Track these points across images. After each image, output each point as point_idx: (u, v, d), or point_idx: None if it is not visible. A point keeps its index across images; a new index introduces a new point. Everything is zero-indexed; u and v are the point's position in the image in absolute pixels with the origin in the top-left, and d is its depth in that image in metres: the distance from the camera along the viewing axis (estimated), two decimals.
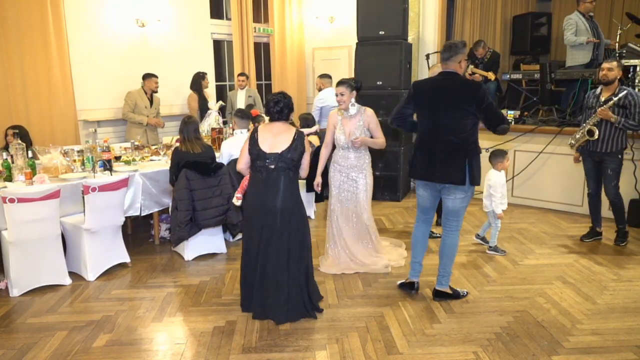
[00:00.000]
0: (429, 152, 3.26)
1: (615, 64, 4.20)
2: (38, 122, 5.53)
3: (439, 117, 3.21)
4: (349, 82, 3.93)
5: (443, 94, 3.20)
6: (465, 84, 3.21)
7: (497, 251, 4.35)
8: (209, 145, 4.41)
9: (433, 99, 3.24)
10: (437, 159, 3.21)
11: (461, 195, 3.24)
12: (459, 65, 3.21)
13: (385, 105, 6.15)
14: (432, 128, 3.25)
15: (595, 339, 2.94)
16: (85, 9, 5.93)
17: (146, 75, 6.09)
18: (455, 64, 3.20)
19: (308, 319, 3.21)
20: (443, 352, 2.83)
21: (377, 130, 4.00)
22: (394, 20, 5.94)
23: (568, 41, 5.97)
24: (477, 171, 3.21)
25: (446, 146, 3.19)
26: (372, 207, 5.87)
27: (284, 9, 8.03)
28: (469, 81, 3.31)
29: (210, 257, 4.36)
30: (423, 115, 3.34)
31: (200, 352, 2.86)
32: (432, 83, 3.33)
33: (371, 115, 4.00)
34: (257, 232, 3.16)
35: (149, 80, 6.06)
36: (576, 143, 4.45)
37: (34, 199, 3.49)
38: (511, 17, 8.82)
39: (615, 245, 4.50)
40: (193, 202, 4.05)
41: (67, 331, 3.10)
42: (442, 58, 3.23)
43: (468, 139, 3.17)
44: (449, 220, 3.36)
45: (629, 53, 5.47)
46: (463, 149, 3.17)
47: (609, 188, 4.40)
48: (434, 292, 3.49)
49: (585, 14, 5.86)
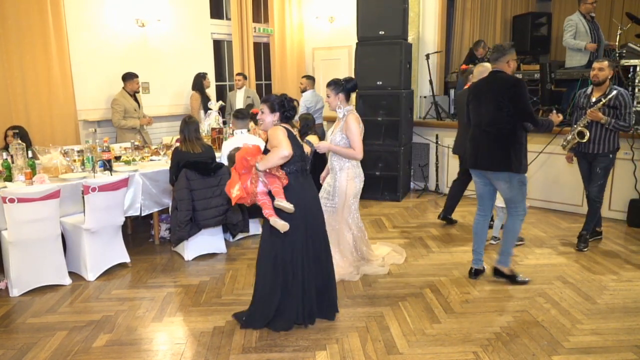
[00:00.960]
0: (475, 142, 3.66)
1: (606, 63, 4.16)
2: (38, 122, 5.53)
3: (481, 110, 3.59)
4: (336, 83, 3.72)
5: (486, 89, 3.58)
6: (503, 80, 3.50)
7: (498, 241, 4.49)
8: (209, 145, 4.41)
9: (479, 95, 3.64)
10: (481, 148, 3.60)
11: (505, 182, 3.54)
12: (507, 64, 3.53)
13: (385, 105, 6.16)
14: (477, 121, 3.64)
15: (595, 339, 2.93)
16: (85, 9, 5.93)
17: (127, 76, 5.87)
18: (503, 63, 3.53)
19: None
20: (443, 352, 2.83)
21: (353, 139, 3.69)
22: (394, 20, 5.94)
23: (567, 44, 5.96)
24: (515, 159, 3.46)
25: (487, 136, 3.55)
26: (372, 207, 5.94)
27: (284, 9, 8.03)
28: (508, 77, 3.52)
29: (210, 257, 4.36)
30: (472, 110, 3.72)
31: (200, 352, 2.86)
32: (481, 81, 3.72)
33: (350, 122, 3.68)
34: (302, 235, 3.02)
35: (131, 82, 5.87)
36: (567, 145, 4.36)
37: (34, 199, 3.49)
38: (511, 17, 8.82)
39: (577, 250, 4.37)
40: (193, 202, 4.05)
41: (67, 331, 3.10)
42: (492, 58, 3.60)
43: (504, 130, 3.47)
44: (508, 206, 3.69)
45: (629, 53, 5.46)
46: (500, 139, 3.49)
47: (593, 186, 4.31)
48: (493, 270, 3.78)
49: (586, 14, 5.85)
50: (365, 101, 6.27)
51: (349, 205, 3.85)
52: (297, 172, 3.03)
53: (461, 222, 5.28)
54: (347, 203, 3.83)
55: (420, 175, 6.66)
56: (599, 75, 4.16)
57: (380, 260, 4.08)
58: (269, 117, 3.00)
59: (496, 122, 3.48)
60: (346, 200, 3.82)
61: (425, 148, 6.61)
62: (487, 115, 3.53)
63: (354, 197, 3.85)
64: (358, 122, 3.71)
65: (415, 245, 4.58)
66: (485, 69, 4.51)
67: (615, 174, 5.12)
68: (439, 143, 6.42)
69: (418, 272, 3.97)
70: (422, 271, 3.99)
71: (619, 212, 5.15)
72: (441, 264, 4.14)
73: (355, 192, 3.84)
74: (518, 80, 3.49)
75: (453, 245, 4.59)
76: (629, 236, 4.75)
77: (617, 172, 5.09)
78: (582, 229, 4.46)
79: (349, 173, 3.79)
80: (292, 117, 3.09)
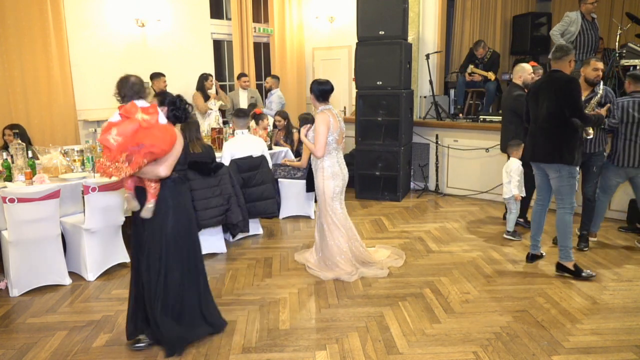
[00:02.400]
0: (532, 137, 3.87)
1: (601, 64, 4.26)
2: (38, 122, 5.53)
3: (538, 107, 3.79)
4: (312, 85, 3.90)
5: (544, 88, 3.77)
6: (558, 78, 3.70)
7: (514, 236, 4.67)
8: (209, 145, 4.40)
9: (537, 94, 3.83)
10: (537, 142, 3.82)
11: (555, 174, 3.75)
12: (569, 64, 3.71)
13: (385, 105, 6.16)
14: (535, 117, 3.85)
15: (595, 339, 2.94)
16: (85, 9, 5.93)
17: (154, 75, 6.05)
18: (565, 63, 3.70)
19: (308, 319, 3.21)
20: (443, 352, 2.83)
21: (315, 136, 3.79)
22: (394, 20, 5.94)
23: (552, 35, 6.03)
24: (567, 152, 3.65)
25: (542, 131, 3.77)
26: (372, 207, 5.94)
27: (284, 9, 8.03)
28: (563, 76, 3.70)
29: (210, 257, 4.36)
30: (531, 108, 3.91)
31: (200, 352, 2.86)
32: (539, 81, 3.92)
33: (317, 120, 3.78)
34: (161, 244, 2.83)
35: (158, 80, 6.05)
36: None
37: (34, 199, 3.49)
38: (511, 17, 8.82)
39: (578, 249, 4.34)
40: (193, 202, 4.05)
41: (67, 331, 3.10)
42: (553, 57, 3.75)
43: (557, 124, 3.68)
44: (556, 199, 3.85)
45: (629, 53, 5.46)
46: (554, 133, 3.70)
47: (589, 186, 4.36)
48: (557, 265, 3.88)
49: (586, 14, 5.86)
50: (365, 101, 6.27)
51: (330, 205, 3.89)
52: (177, 180, 2.84)
53: (461, 222, 5.28)
54: (327, 203, 3.88)
55: (420, 175, 6.66)
56: (600, 75, 4.20)
57: (379, 263, 4.06)
58: None
59: (551, 117, 3.69)
60: (325, 200, 3.88)
61: (425, 148, 6.61)
62: (544, 111, 3.73)
63: (331, 197, 3.87)
64: (325, 122, 3.75)
65: (415, 245, 4.58)
66: (521, 68, 4.86)
67: None
68: (439, 143, 6.42)
69: (418, 272, 3.97)
70: (422, 271, 3.99)
71: (619, 212, 5.15)
72: (441, 264, 4.14)
73: (331, 192, 3.86)
74: (572, 79, 3.69)
75: (453, 245, 4.59)
76: (628, 236, 4.75)
77: None
78: (582, 229, 4.46)
79: (325, 173, 3.86)
80: (182, 118, 2.94)
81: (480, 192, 6.12)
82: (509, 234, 4.71)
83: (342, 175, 3.91)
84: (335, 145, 3.87)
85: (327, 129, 3.75)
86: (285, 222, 5.34)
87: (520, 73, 4.84)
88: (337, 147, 3.90)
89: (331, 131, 3.78)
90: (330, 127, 3.77)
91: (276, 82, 7.30)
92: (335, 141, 3.85)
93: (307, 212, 5.51)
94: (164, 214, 2.78)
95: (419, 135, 6.60)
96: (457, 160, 6.37)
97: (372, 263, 4.03)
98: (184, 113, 2.93)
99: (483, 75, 7.07)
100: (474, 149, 6.11)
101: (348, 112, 7.85)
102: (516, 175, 4.61)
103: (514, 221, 4.72)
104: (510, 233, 4.71)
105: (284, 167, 5.43)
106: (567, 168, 3.69)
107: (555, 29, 6.03)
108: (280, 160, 5.57)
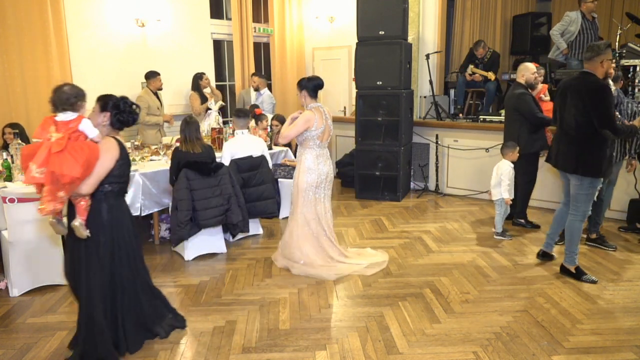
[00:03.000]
0: (556, 142, 3.81)
1: None
2: (38, 122, 5.40)
3: (564, 111, 3.66)
4: (299, 82, 4.01)
5: (572, 91, 3.59)
6: (589, 83, 3.48)
7: (504, 236, 4.68)
8: (209, 145, 4.41)
9: (564, 95, 3.68)
10: (561, 148, 3.72)
11: (576, 182, 3.65)
12: (601, 65, 3.48)
13: (385, 105, 6.16)
14: (560, 121, 3.74)
15: (595, 339, 2.94)
16: (85, 9, 5.93)
17: (150, 74, 6.03)
18: (596, 64, 3.49)
19: (308, 319, 3.21)
20: (443, 352, 2.83)
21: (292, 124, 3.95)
22: (394, 20, 5.94)
23: (552, 35, 6.13)
24: (589, 163, 3.53)
25: (565, 137, 3.68)
26: (372, 207, 5.94)
27: (284, 9, 8.03)
28: (595, 81, 3.48)
29: (210, 257, 4.36)
30: (558, 109, 3.78)
31: (200, 352, 2.86)
32: (569, 81, 3.74)
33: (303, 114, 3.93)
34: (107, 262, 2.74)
35: (154, 80, 6.04)
36: None
37: (34, 199, 3.48)
38: (511, 17, 8.82)
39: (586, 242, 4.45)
40: (193, 202, 4.05)
41: (67, 331, 3.10)
42: (584, 57, 3.56)
43: (583, 133, 3.54)
44: (571, 204, 3.78)
45: (629, 53, 5.46)
46: (576, 141, 3.58)
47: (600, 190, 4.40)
48: (560, 267, 3.88)
49: (586, 14, 5.85)
50: (365, 101, 6.27)
51: (302, 198, 3.97)
52: (112, 193, 2.68)
53: (461, 222, 5.28)
54: (300, 195, 3.97)
55: (420, 175, 6.66)
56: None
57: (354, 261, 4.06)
58: (98, 117, 2.66)
59: (577, 125, 3.54)
60: (298, 192, 3.97)
61: (425, 148, 6.61)
62: (569, 117, 3.59)
63: (304, 191, 3.94)
64: (308, 121, 3.86)
65: (415, 245, 4.58)
66: (524, 67, 4.85)
67: None
68: (439, 143, 6.42)
69: (418, 272, 3.97)
70: (422, 271, 3.99)
71: (619, 212, 5.15)
72: (441, 264, 4.14)
73: (304, 186, 3.94)
74: (603, 87, 3.45)
75: (453, 245, 4.59)
76: (628, 236, 4.75)
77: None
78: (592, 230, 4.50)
79: (302, 167, 3.96)
80: (128, 122, 2.71)
81: (481, 192, 6.12)
82: (499, 235, 4.72)
83: (317, 171, 3.95)
84: (318, 142, 3.95)
85: (305, 126, 3.87)
86: (285, 222, 5.33)
87: (523, 72, 4.85)
88: (320, 143, 3.97)
89: (314, 127, 3.88)
90: (314, 124, 3.87)
91: (264, 82, 7.09)
92: (317, 137, 3.93)
93: None
94: (98, 229, 2.61)
95: (419, 135, 6.60)
96: (457, 160, 6.37)
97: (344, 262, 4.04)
98: (130, 116, 2.70)
99: (483, 75, 7.07)
100: (474, 149, 6.11)
101: (348, 112, 7.85)
102: (506, 179, 4.59)
103: (502, 222, 4.72)
104: (500, 234, 4.71)
105: (284, 167, 5.43)
106: (589, 179, 3.59)
107: (555, 28, 6.07)
108: (280, 160, 5.57)
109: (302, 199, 3.97)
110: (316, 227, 4.02)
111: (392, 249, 4.49)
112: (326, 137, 4.00)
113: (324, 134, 3.96)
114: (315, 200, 4.00)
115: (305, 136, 3.91)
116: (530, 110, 4.71)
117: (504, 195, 4.60)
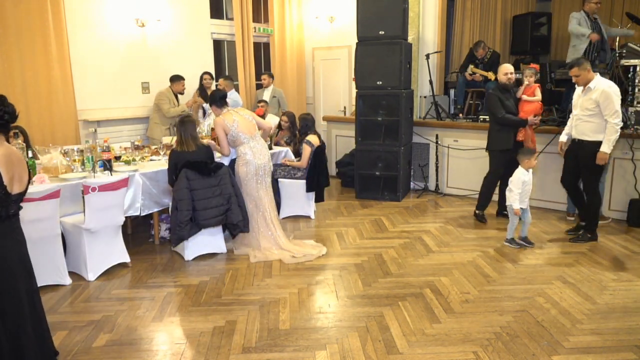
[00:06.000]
0: None
1: None
2: (38, 122, 5.53)
3: None
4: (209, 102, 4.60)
5: None
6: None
7: (512, 244, 4.52)
8: (205, 144, 4.40)
9: None
10: None
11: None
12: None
13: (385, 105, 6.16)
14: None
15: (595, 339, 2.94)
16: (85, 9, 5.93)
17: (175, 77, 6.30)
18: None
19: (308, 319, 3.21)
20: (443, 352, 2.83)
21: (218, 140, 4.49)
22: (394, 20, 5.94)
23: (572, 30, 5.92)
24: None
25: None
26: (372, 207, 5.95)
27: (284, 8, 8.03)
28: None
29: (210, 257, 4.36)
30: None
31: (200, 352, 2.86)
32: None
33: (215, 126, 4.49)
34: None
35: (177, 83, 6.29)
36: None
37: (34, 198, 3.48)
38: (511, 17, 8.81)
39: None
40: (193, 202, 4.05)
41: (67, 331, 3.10)
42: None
43: None
44: None
45: (629, 53, 5.46)
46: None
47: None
48: None
49: (589, 14, 5.85)
50: (365, 101, 6.27)
51: (245, 188, 4.42)
52: None
53: (461, 222, 5.28)
54: (242, 185, 4.42)
55: (420, 175, 6.66)
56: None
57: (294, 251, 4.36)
58: None
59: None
60: (241, 183, 4.42)
61: (425, 148, 6.61)
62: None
63: (245, 181, 4.41)
64: (220, 126, 4.35)
65: (415, 245, 4.58)
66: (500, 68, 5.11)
67: (615, 174, 5.13)
68: (439, 143, 6.42)
69: (418, 272, 3.97)
70: (422, 271, 3.99)
71: (619, 212, 5.15)
72: (441, 264, 4.14)
73: (243, 176, 4.41)
74: None
75: (453, 245, 4.59)
76: (629, 236, 4.75)
77: (617, 172, 5.10)
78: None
79: (239, 160, 4.43)
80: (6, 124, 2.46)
81: None
82: (507, 242, 4.54)
83: (254, 163, 4.39)
84: (247, 136, 4.37)
85: (223, 132, 4.36)
86: (285, 222, 5.34)
87: (499, 72, 5.08)
88: (248, 136, 4.38)
89: (229, 126, 4.32)
90: (227, 125, 4.32)
91: (230, 85, 6.70)
92: (240, 132, 4.34)
93: (307, 212, 5.51)
94: None
95: (419, 135, 6.60)
96: (457, 160, 6.37)
97: (287, 249, 4.37)
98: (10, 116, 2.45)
99: (483, 75, 7.07)
100: (474, 149, 6.11)
101: (348, 112, 7.86)
102: (515, 188, 4.39)
103: (512, 230, 4.51)
104: (508, 240, 4.53)
105: (284, 167, 5.43)
106: None
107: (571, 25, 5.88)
108: (280, 160, 5.57)
109: (246, 188, 4.42)
110: (263, 212, 4.45)
111: (392, 249, 4.49)
112: (249, 128, 4.40)
113: (244, 127, 4.36)
114: (261, 188, 4.45)
115: (231, 137, 4.36)
116: (492, 109, 4.95)
117: (513, 205, 4.39)
